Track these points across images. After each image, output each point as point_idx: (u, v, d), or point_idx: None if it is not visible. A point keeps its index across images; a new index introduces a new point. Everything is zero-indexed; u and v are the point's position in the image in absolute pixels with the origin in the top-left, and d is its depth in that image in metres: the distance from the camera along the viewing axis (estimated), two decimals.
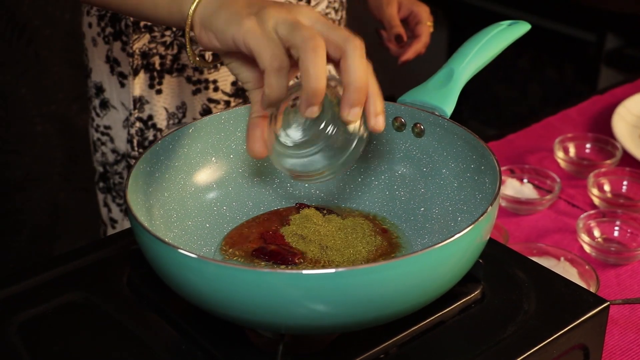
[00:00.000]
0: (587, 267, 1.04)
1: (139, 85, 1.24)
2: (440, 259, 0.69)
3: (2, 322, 0.78)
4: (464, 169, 0.85)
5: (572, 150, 1.35)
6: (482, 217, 0.71)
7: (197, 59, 0.84)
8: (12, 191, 2.13)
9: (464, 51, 0.92)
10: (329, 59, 0.73)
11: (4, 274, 0.87)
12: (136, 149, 1.28)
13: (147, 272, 0.76)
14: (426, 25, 1.44)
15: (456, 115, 0.88)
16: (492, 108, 2.89)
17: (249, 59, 0.77)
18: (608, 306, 0.80)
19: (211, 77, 1.24)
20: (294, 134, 0.77)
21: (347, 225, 0.85)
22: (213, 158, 0.89)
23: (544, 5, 2.55)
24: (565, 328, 0.77)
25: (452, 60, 0.92)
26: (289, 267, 0.79)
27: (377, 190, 0.91)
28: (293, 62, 0.74)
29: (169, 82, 1.24)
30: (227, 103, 1.26)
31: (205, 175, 0.89)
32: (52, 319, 0.79)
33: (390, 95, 1.20)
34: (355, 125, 0.75)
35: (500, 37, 0.95)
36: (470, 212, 0.83)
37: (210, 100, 1.26)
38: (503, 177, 1.25)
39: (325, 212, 0.87)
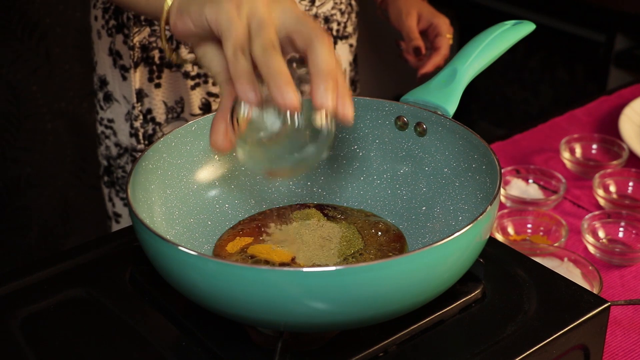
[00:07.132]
0: (590, 267, 1.04)
1: (139, 78, 1.24)
2: (439, 257, 0.69)
3: (4, 318, 0.79)
4: (466, 168, 0.85)
5: (578, 151, 1.35)
6: (481, 217, 0.71)
7: (173, 54, 0.84)
8: (22, 188, 2.14)
9: (467, 51, 0.92)
10: (297, 50, 0.72)
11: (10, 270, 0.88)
12: (142, 142, 1.28)
13: (149, 268, 0.76)
14: (446, 37, 1.41)
15: (466, 116, 0.88)
16: (503, 108, 2.88)
17: (221, 49, 0.74)
18: (609, 307, 0.80)
19: None
20: (265, 127, 0.74)
21: (348, 225, 0.85)
22: (215, 156, 0.89)
23: (554, 6, 2.54)
24: (565, 328, 0.77)
25: (455, 60, 0.92)
26: (289, 265, 0.79)
27: (379, 189, 0.91)
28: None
29: (168, 77, 1.24)
30: None
31: (207, 172, 0.89)
32: (54, 315, 0.79)
33: (396, 95, 1.21)
34: (322, 118, 0.73)
35: (504, 36, 0.95)
36: (471, 212, 0.83)
37: (210, 94, 1.25)
38: (508, 177, 1.25)
39: (326, 210, 0.87)
